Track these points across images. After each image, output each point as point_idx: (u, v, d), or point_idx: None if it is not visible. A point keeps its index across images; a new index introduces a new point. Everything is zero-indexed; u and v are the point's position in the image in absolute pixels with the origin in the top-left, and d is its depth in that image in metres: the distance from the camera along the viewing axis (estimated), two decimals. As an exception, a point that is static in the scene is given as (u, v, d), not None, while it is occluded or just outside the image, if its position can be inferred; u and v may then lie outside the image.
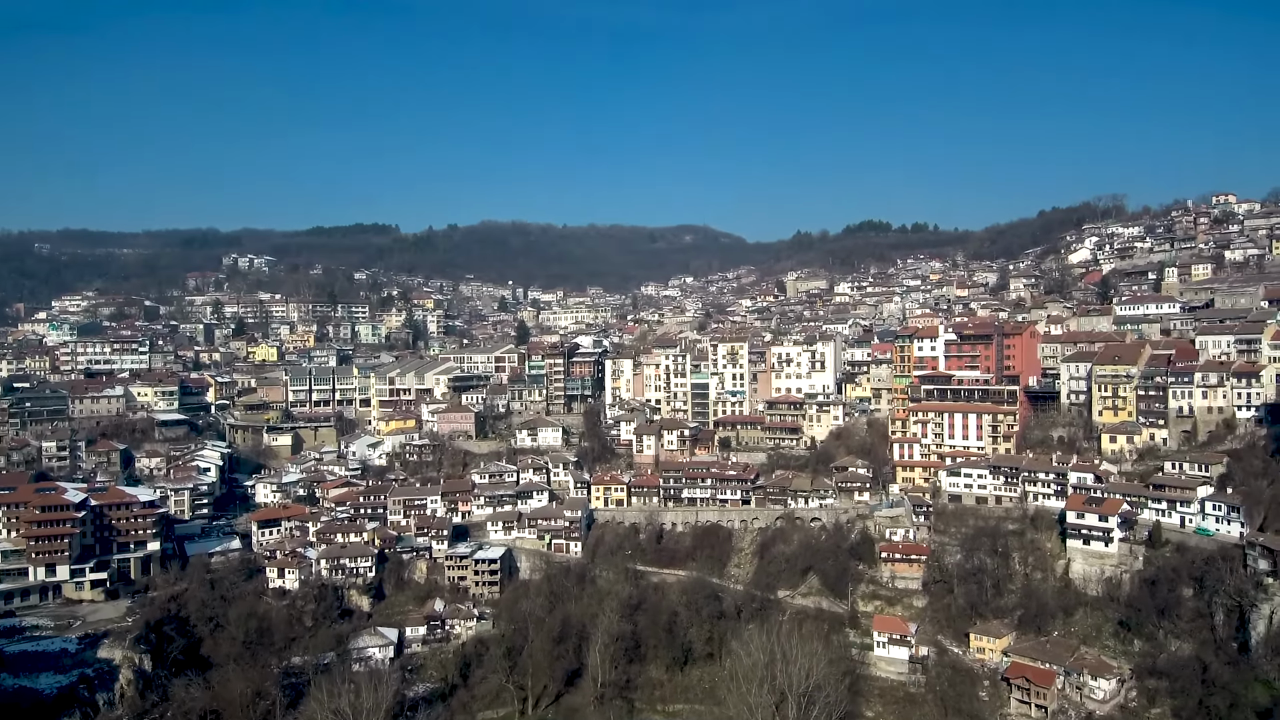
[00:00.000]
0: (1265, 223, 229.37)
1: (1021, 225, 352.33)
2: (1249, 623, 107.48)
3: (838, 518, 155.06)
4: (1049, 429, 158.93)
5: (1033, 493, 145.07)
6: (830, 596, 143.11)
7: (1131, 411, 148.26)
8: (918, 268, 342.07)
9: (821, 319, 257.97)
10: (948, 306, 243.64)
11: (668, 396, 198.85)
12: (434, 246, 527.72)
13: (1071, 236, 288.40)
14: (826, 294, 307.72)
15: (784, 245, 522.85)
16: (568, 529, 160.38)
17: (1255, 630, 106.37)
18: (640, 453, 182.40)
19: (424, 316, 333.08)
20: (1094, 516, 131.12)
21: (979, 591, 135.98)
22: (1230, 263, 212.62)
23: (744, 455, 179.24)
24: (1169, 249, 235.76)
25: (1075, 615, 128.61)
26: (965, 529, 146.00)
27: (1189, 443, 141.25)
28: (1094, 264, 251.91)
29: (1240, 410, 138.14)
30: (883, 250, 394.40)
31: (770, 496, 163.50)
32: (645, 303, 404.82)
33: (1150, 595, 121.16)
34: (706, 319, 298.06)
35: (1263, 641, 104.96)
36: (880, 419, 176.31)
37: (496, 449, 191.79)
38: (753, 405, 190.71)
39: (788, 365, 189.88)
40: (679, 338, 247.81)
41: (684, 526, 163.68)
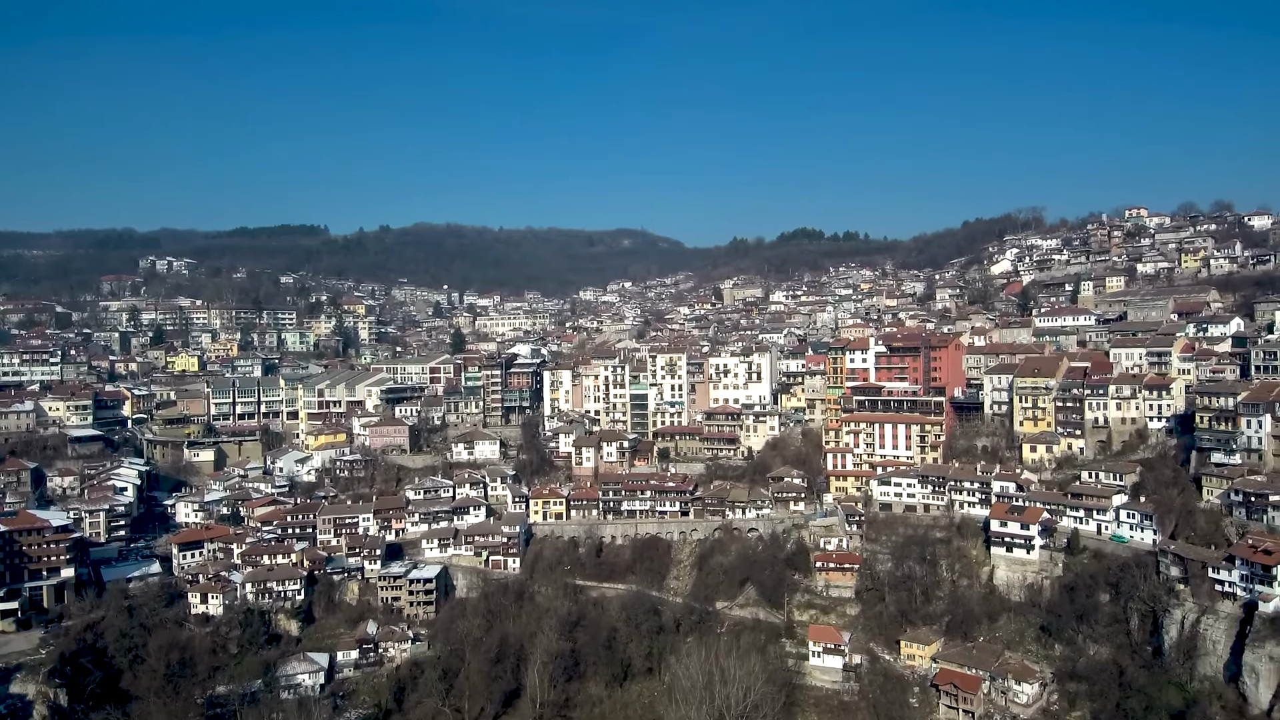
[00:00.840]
0: (1174, 236, 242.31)
1: (947, 235, 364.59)
2: (1162, 627, 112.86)
3: (774, 528, 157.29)
4: (974, 438, 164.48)
5: (959, 501, 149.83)
6: (767, 607, 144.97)
7: (1051, 422, 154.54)
8: (849, 276, 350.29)
9: (758, 327, 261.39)
10: (878, 316, 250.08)
11: (607, 407, 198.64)
12: (365, 249, 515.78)
13: (994, 248, 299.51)
14: (762, 302, 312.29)
15: (721, 251, 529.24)
16: (506, 545, 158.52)
17: (1168, 635, 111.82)
18: (579, 465, 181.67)
19: (355, 323, 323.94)
20: (1016, 525, 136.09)
21: (909, 599, 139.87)
22: (1142, 275, 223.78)
23: (683, 466, 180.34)
24: (1085, 261, 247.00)
25: (1000, 621, 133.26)
26: (896, 537, 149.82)
27: (1104, 452, 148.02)
28: (1015, 275, 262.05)
29: (1152, 421, 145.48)
30: (816, 258, 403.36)
31: (709, 507, 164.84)
32: (584, 308, 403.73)
33: (1069, 601, 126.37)
34: (645, 327, 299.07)
35: (1175, 646, 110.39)
36: (815, 429, 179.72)
37: (431, 463, 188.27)
38: (691, 416, 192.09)
39: (725, 376, 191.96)
40: (618, 347, 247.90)
41: (623, 539, 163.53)
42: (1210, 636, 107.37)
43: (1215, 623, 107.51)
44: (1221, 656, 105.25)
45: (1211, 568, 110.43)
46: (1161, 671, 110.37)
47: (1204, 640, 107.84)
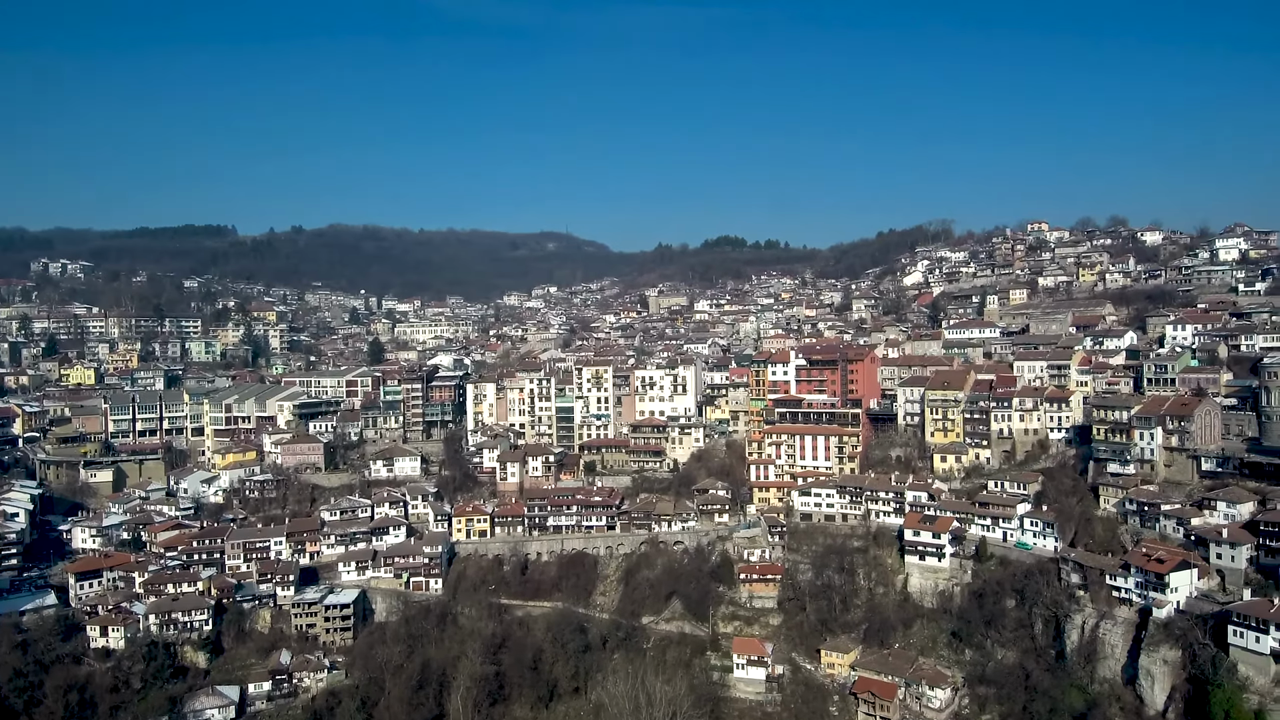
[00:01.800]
0: (1073, 251, 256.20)
1: (863, 245, 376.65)
2: (1064, 632, 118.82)
3: (699, 540, 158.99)
4: (888, 449, 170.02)
5: (875, 510, 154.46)
6: (693, 620, 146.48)
7: (959, 433, 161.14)
8: (770, 285, 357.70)
9: (683, 337, 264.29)
10: (798, 326, 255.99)
11: (532, 421, 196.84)
12: (276, 251, 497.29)
13: (906, 259, 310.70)
14: (687, 311, 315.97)
15: (647, 257, 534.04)
16: (427, 566, 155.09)
17: (1070, 639, 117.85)
18: (504, 480, 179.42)
19: (265, 331, 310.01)
20: (928, 534, 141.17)
21: (829, 608, 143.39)
22: (1043, 288, 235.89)
23: (609, 479, 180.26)
24: (990, 274, 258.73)
25: (913, 627, 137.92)
26: (816, 547, 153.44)
27: (1009, 462, 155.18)
28: (926, 286, 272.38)
29: (1053, 432, 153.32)
30: (739, 266, 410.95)
31: (635, 521, 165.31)
32: (508, 314, 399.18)
33: (978, 607, 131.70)
34: (571, 335, 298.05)
35: (1076, 650, 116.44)
36: (738, 440, 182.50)
37: (348, 482, 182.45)
38: (618, 428, 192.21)
39: (651, 388, 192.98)
40: (543, 358, 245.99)
41: (549, 556, 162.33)
42: (1109, 640, 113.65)
43: (1113, 627, 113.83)
44: (1120, 660, 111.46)
45: (1109, 575, 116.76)
46: (1064, 674, 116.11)
47: (1103, 644, 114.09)
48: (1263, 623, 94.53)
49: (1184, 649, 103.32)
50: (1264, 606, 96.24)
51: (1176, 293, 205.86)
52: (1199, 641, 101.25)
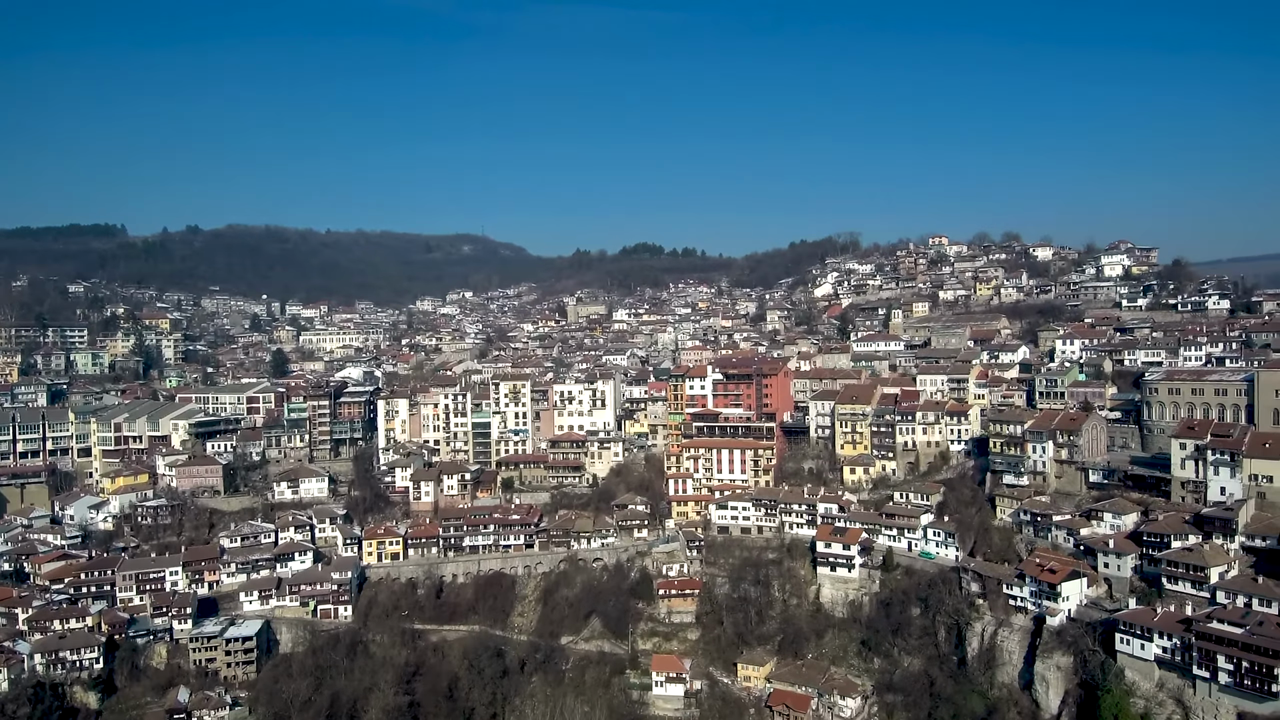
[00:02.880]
0: (970, 265, 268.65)
1: (776, 255, 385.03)
2: (965, 639, 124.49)
3: (618, 557, 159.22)
4: (801, 461, 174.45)
5: (789, 522, 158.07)
6: (612, 638, 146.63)
7: (868, 445, 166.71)
8: (687, 293, 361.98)
9: (602, 348, 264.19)
10: (715, 338, 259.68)
11: (447, 437, 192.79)
12: (170, 253, 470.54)
13: (816, 270, 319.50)
14: (606, 320, 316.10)
15: (565, 262, 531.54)
16: (336, 592, 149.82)
17: (970, 646, 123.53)
18: (418, 500, 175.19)
19: (158, 340, 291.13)
20: (839, 545, 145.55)
21: (745, 620, 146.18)
22: (943, 301, 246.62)
23: (527, 495, 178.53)
24: (895, 287, 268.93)
25: (825, 637, 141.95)
26: (733, 560, 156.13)
27: (914, 473, 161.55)
28: (835, 298, 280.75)
29: (953, 444, 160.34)
30: (656, 274, 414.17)
31: (554, 539, 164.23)
32: (421, 321, 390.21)
33: (885, 616, 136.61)
34: (488, 345, 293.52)
35: (977, 656, 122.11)
36: (657, 455, 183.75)
37: (250, 505, 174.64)
38: (536, 444, 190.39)
39: (570, 403, 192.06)
40: (458, 369, 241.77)
41: (465, 577, 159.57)
42: (1006, 647, 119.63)
43: (1010, 635, 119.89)
44: (1017, 666, 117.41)
45: (1005, 584, 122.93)
46: (966, 680, 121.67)
47: (1001, 651, 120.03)
48: (1147, 630, 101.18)
49: (1075, 655, 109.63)
50: (1148, 615, 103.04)
51: (1066, 307, 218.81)
52: (1089, 648, 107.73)
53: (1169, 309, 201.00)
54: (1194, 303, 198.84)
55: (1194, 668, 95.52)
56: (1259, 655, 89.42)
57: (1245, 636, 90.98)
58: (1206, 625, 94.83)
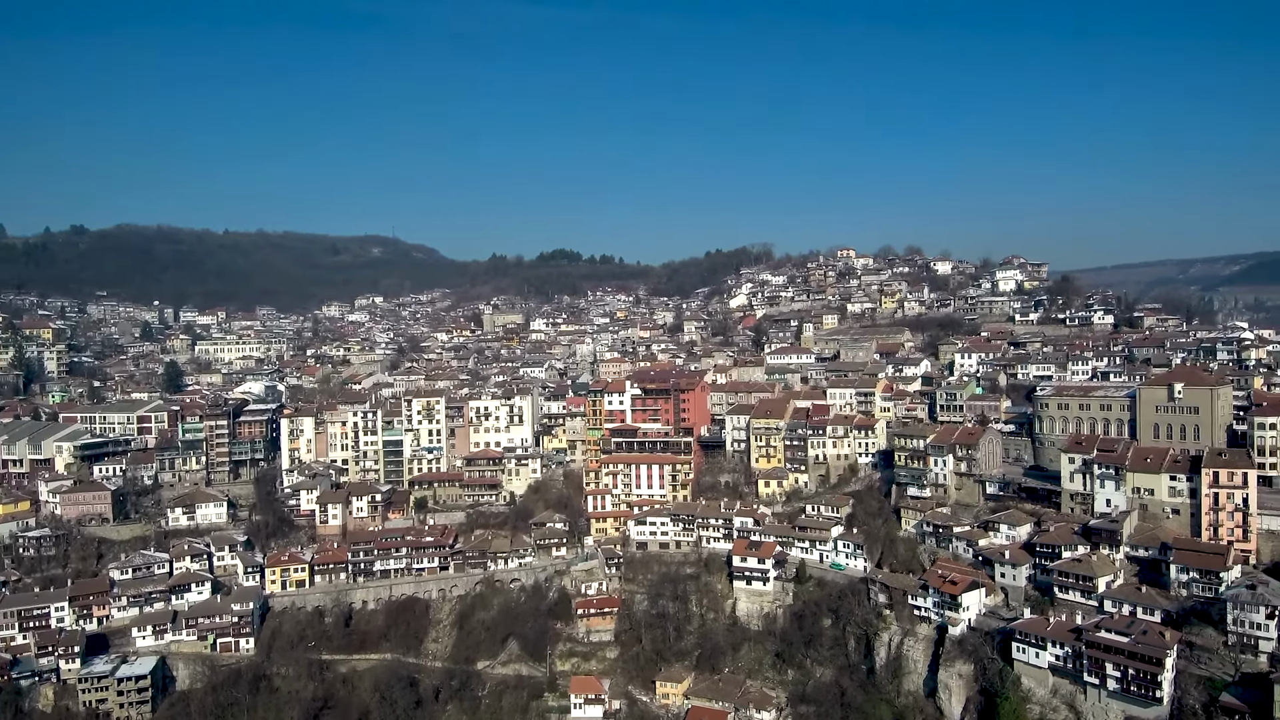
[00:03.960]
0: (876, 279, 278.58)
1: (693, 264, 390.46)
2: (873, 649, 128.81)
3: (537, 577, 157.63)
4: (718, 474, 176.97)
5: (706, 537, 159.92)
6: (530, 661, 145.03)
7: (781, 459, 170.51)
8: (605, 302, 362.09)
9: (519, 359, 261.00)
10: (633, 349, 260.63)
11: (356, 456, 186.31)
12: (52, 256, 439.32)
13: (731, 280, 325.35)
14: (523, 329, 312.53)
15: (481, 267, 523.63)
16: (237, 624, 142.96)
17: (878, 656, 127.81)
18: (325, 524, 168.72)
19: (40, 352, 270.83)
20: (754, 559, 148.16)
21: (663, 637, 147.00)
22: (851, 314, 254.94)
23: (442, 515, 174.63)
24: (806, 299, 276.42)
25: (741, 651, 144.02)
26: (651, 576, 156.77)
27: (824, 485, 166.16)
28: (749, 309, 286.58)
29: (861, 457, 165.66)
30: (574, 281, 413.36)
31: (470, 560, 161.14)
32: (327, 329, 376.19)
33: (799, 627, 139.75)
34: (399, 356, 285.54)
35: (885, 665, 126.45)
36: (576, 470, 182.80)
37: (142, 533, 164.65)
38: (451, 461, 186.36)
39: (486, 419, 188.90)
40: (368, 383, 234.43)
41: (376, 603, 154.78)
42: (912, 656, 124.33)
43: (915, 644, 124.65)
44: (922, 674, 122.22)
45: (910, 595, 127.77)
46: (875, 690, 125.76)
47: (907, 660, 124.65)
48: (1041, 639, 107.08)
49: (976, 663, 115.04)
50: (1041, 624, 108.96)
51: (964, 320, 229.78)
52: (988, 656, 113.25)
53: (1058, 323, 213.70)
54: (1081, 317, 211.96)
55: (1085, 675, 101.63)
56: (1143, 663, 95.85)
57: (1131, 645, 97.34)
58: (1095, 634, 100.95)
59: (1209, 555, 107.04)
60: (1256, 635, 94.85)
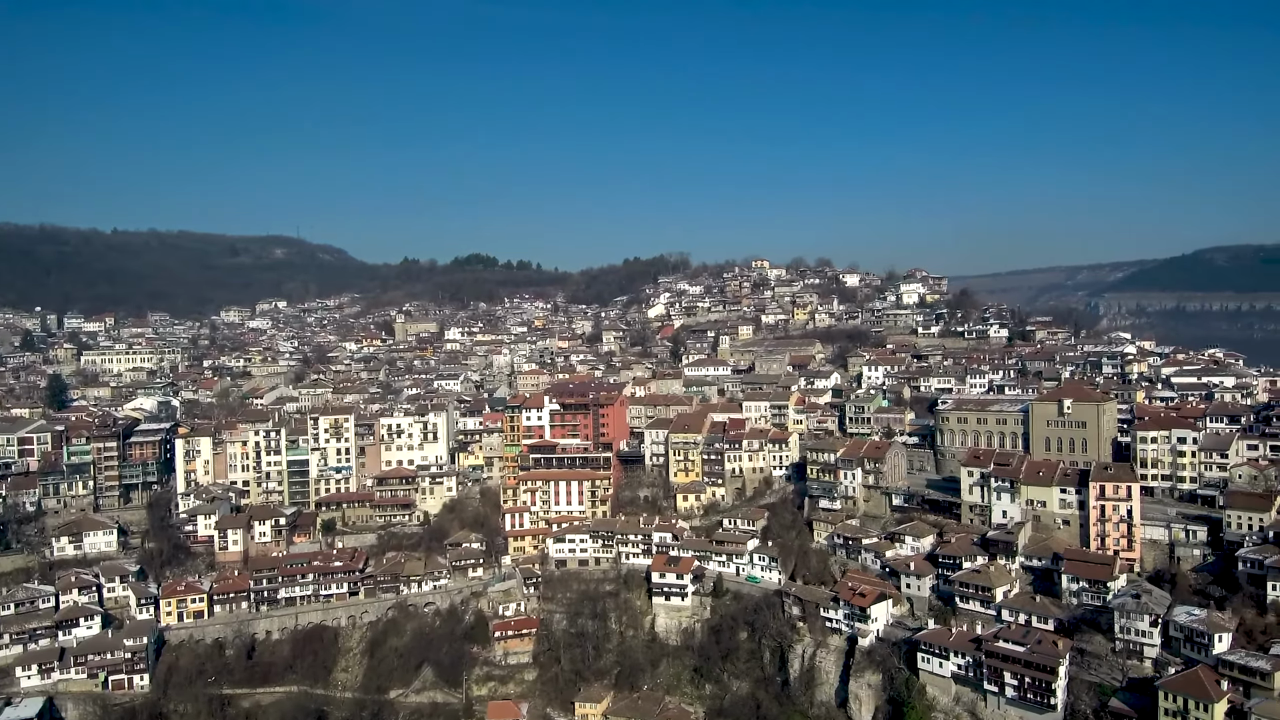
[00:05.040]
0: (789, 290, 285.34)
1: (610, 271, 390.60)
2: (788, 661, 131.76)
3: (452, 600, 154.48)
4: (637, 489, 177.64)
5: (625, 553, 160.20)
6: (445, 688, 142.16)
7: (699, 473, 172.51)
8: (523, 309, 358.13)
9: (433, 370, 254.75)
10: (551, 360, 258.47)
11: (258, 477, 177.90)
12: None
13: (650, 289, 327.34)
14: (437, 338, 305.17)
15: (392, 271, 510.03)
16: (130, 660, 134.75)
17: (792, 667, 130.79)
18: (224, 550, 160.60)
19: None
20: (673, 575, 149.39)
21: (582, 656, 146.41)
22: (766, 325, 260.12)
23: (352, 538, 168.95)
24: (722, 309, 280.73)
25: (660, 667, 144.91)
26: (570, 594, 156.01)
27: (741, 498, 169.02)
28: (668, 319, 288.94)
29: (776, 470, 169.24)
30: (491, 287, 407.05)
31: (381, 585, 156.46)
32: (226, 337, 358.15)
33: (716, 642, 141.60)
34: (305, 367, 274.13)
35: (798, 677, 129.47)
36: (493, 488, 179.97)
37: (25, 565, 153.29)
38: (360, 481, 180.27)
39: (399, 436, 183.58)
40: (271, 399, 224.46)
41: (281, 633, 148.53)
42: (824, 667, 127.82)
43: (827, 655, 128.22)
44: (833, 685, 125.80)
45: (822, 607, 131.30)
46: (789, 701, 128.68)
47: (819, 671, 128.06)
48: (944, 649, 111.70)
49: (884, 673, 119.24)
50: (944, 635, 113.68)
51: (871, 333, 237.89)
52: (895, 667, 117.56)
53: (957, 336, 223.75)
54: (978, 330, 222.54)
55: (985, 683, 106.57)
56: (1038, 671, 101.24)
57: (1027, 654, 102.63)
58: (994, 644, 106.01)
59: (1097, 565, 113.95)
60: (1142, 642, 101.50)
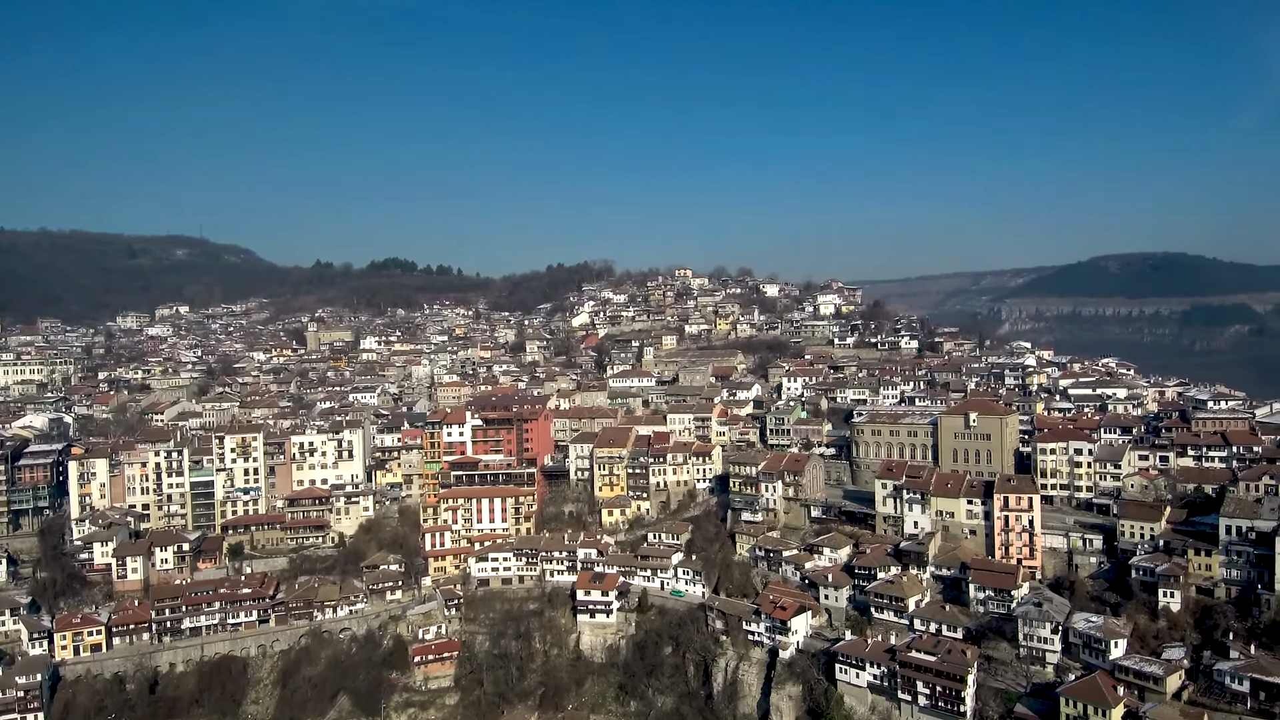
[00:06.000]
0: (711, 300, 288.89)
1: (534, 278, 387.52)
2: (711, 675, 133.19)
3: (369, 625, 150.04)
4: (562, 504, 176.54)
5: (549, 570, 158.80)
6: (363, 717, 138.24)
7: (624, 487, 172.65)
8: (443, 316, 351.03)
9: (349, 382, 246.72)
10: (473, 371, 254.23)
11: (159, 500, 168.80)
12: None
13: (574, 297, 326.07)
14: (353, 348, 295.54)
15: (304, 274, 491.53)
16: (22, 699, 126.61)
17: (716, 681, 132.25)
18: (123, 578, 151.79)
19: None
20: (597, 592, 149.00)
21: (506, 678, 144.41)
22: (689, 335, 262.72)
23: (261, 563, 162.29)
24: (646, 319, 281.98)
25: (585, 685, 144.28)
26: (493, 614, 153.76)
27: (665, 511, 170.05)
28: (592, 327, 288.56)
29: (699, 482, 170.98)
30: (409, 293, 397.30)
31: (293, 611, 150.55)
32: (123, 345, 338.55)
33: (641, 657, 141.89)
34: (209, 379, 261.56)
35: (722, 691, 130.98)
36: (412, 506, 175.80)
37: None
38: (270, 503, 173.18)
39: (311, 455, 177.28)
40: (173, 414, 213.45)
41: (187, 665, 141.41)
42: (746, 680, 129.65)
43: (750, 668, 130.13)
44: (755, 697, 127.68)
45: (745, 620, 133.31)
46: (713, 715, 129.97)
47: (742, 684, 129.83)
48: (860, 660, 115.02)
49: (804, 684, 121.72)
50: (860, 645, 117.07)
51: (790, 343, 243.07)
52: (814, 678, 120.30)
53: (871, 347, 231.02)
54: (890, 342, 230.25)
55: (899, 692, 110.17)
56: (949, 680, 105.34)
57: (938, 664, 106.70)
58: (907, 655, 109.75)
59: (1002, 574, 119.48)
60: (1044, 649, 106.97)
